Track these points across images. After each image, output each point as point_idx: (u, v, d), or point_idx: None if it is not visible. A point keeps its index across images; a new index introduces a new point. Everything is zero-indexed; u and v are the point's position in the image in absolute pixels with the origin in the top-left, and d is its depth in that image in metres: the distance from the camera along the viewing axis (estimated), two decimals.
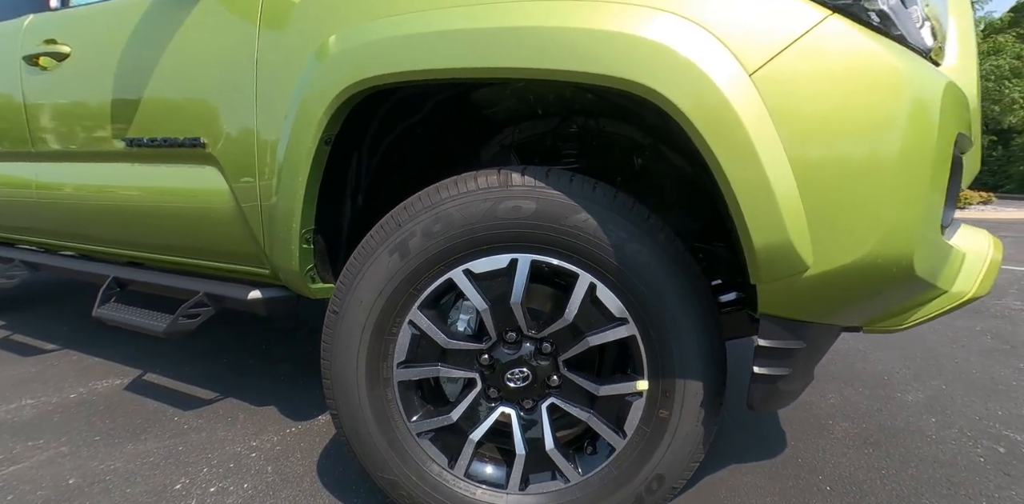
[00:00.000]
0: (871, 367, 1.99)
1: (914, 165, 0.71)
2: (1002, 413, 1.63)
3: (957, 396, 1.75)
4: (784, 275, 0.77)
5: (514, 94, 1.25)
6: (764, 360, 0.87)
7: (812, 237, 0.75)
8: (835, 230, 0.73)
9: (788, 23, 0.74)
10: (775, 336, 0.85)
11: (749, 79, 0.74)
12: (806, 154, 0.73)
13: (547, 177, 0.95)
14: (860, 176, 0.71)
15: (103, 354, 2.10)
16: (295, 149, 1.11)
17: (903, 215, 0.72)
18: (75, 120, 1.57)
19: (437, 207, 0.96)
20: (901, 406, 1.67)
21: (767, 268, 0.78)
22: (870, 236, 0.72)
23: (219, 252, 1.42)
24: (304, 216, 1.15)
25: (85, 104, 1.53)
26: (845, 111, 0.72)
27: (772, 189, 0.74)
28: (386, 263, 0.98)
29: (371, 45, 0.99)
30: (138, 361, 2.02)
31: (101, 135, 1.51)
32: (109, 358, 2.05)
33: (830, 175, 0.73)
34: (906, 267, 0.75)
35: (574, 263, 0.95)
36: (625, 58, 0.76)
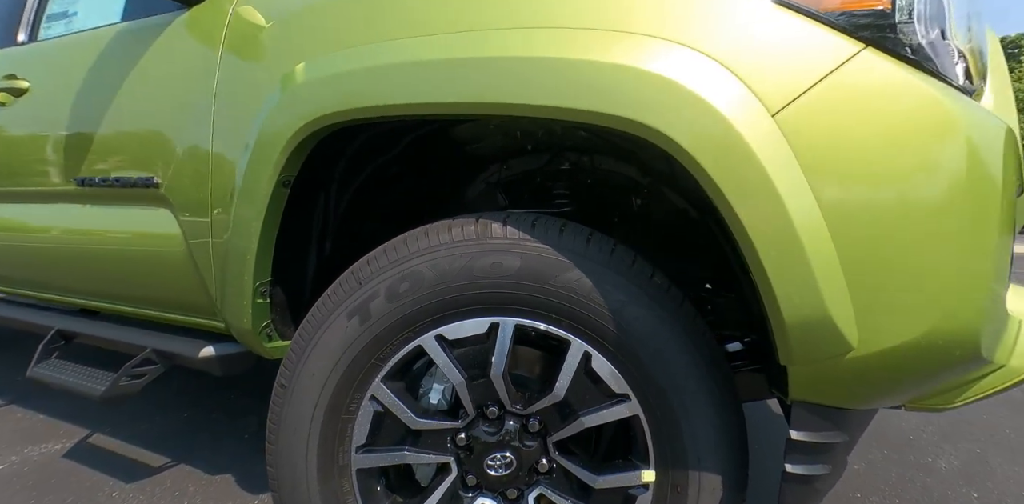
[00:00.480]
0: (894, 424, 1.82)
1: (983, 222, 0.58)
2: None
3: (995, 463, 1.56)
4: (823, 357, 0.63)
5: (499, 130, 1.13)
6: (799, 456, 0.71)
7: (857, 311, 0.60)
8: (885, 304, 0.60)
9: (817, 57, 0.62)
10: (811, 427, 0.70)
11: (772, 120, 0.62)
12: (845, 210, 0.60)
13: (533, 227, 0.81)
14: (916, 237, 0.58)
15: (53, 410, 1.90)
16: (249, 192, 0.98)
17: (970, 285, 0.58)
18: (27, 158, 1.45)
19: (404, 263, 0.82)
20: (934, 474, 1.49)
21: (802, 349, 0.63)
22: (931, 311, 0.58)
23: (171, 302, 1.27)
24: (259, 267, 1.01)
25: (38, 141, 1.42)
26: (892, 160, 0.59)
27: (806, 252, 0.60)
28: (343, 329, 0.83)
29: (336, 77, 0.88)
30: (89, 417, 1.82)
31: (53, 174, 1.39)
32: (58, 415, 1.86)
33: (876, 235, 0.59)
34: (971, 348, 0.60)
35: (565, 329, 0.81)
36: (627, 94, 0.64)
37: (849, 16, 0.63)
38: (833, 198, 0.61)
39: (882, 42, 0.63)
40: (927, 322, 0.58)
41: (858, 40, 0.63)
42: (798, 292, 0.61)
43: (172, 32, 1.20)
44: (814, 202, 0.61)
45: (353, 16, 0.91)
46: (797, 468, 0.71)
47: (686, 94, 0.62)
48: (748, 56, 0.63)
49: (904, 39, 0.64)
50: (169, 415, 1.84)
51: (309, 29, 0.97)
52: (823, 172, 0.61)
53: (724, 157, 0.62)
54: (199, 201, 1.11)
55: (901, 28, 0.63)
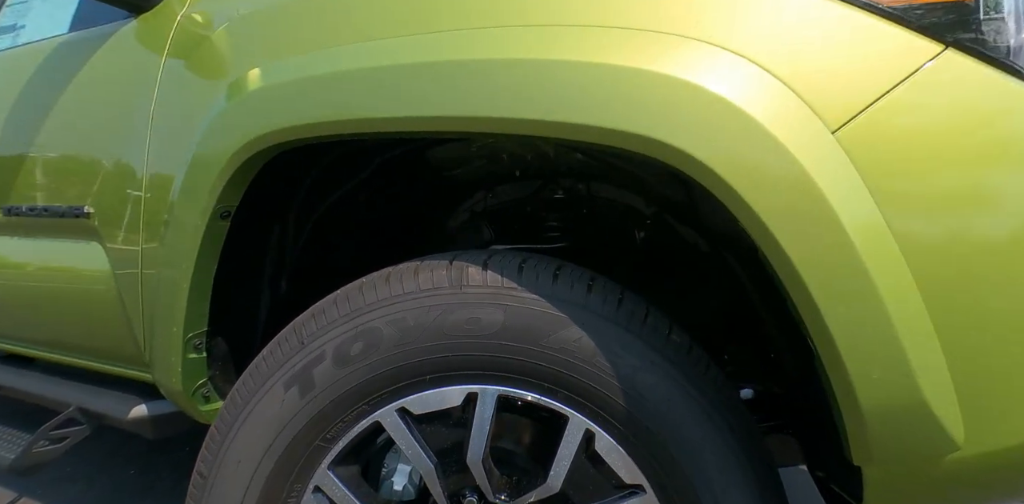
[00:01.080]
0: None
1: None
2: None
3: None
4: (915, 458, 0.46)
5: (482, 153, 0.98)
6: None
7: (962, 397, 0.44)
8: (1006, 387, 0.43)
9: (887, 61, 0.48)
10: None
11: (832, 139, 0.47)
12: (937, 254, 0.45)
13: (520, 272, 0.65)
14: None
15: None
16: (179, 226, 0.82)
17: None
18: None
19: (359, 317, 0.65)
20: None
21: (885, 446, 0.47)
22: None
23: (99, 350, 1.10)
24: (191, 316, 0.84)
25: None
26: (996, 186, 0.44)
27: (888, 313, 0.44)
28: (279, 402, 0.65)
29: (289, 86, 0.73)
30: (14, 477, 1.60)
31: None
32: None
33: (986, 288, 0.44)
34: None
35: (562, 401, 0.64)
36: (652, 109, 0.48)
37: (925, 11, 0.49)
38: (919, 237, 0.46)
39: (966, 42, 0.49)
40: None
41: (937, 40, 0.49)
42: (880, 369, 0.45)
43: (114, 42, 1.06)
44: (893, 243, 0.45)
45: (317, 14, 0.76)
46: None
47: (728, 109, 0.47)
48: (802, 61, 0.48)
49: (993, 38, 0.50)
50: (111, 472, 1.62)
51: (263, 31, 0.83)
52: (904, 204, 0.46)
53: (774, 190, 0.46)
54: (130, 235, 0.95)
55: (989, 25, 0.49)
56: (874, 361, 0.45)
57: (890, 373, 0.45)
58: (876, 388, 0.45)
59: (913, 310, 0.45)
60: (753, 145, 0.46)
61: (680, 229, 1.02)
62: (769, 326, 0.81)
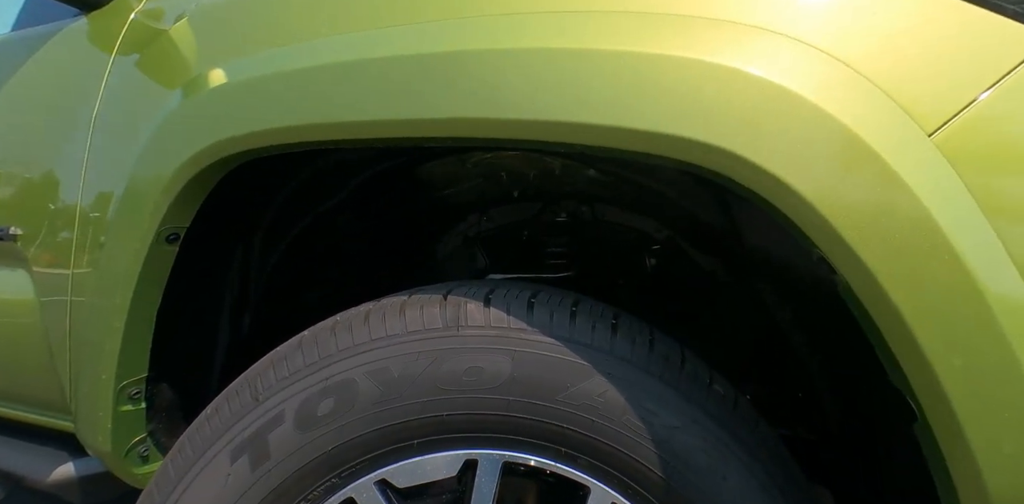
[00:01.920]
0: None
1: None
2: None
3: None
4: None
5: (478, 170, 0.88)
6: None
7: None
8: None
9: (989, 53, 0.39)
10: None
11: (930, 144, 0.37)
12: None
13: (531, 310, 0.53)
14: None
15: None
16: (115, 251, 0.69)
17: None
18: None
19: (329, 366, 0.52)
20: None
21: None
22: None
23: (21, 395, 0.94)
24: (126, 360, 0.70)
25: None
26: None
27: (1021, 369, 0.34)
28: (223, 476, 0.51)
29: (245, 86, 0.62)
30: None
31: None
32: None
33: None
34: None
35: (582, 469, 0.51)
36: (731, 119, 0.38)
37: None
38: None
39: None
40: None
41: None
42: (1012, 439, 0.35)
43: (57, 41, 0.94)
44: (1019, 277, 0.36)
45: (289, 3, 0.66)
46: None
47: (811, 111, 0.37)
48: (888, 56, 0.39)
49: None
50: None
51: (223, 25, 0.72)
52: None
53: (861, 205, 0.37)
54: (58, 260, 0.81)
55: None
56: (1006, 431, 0.35)
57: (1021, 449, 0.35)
58: (1009, 467, 0.35)
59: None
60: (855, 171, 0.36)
61: (696, 255, 0.92)
62: (810, 366, 0.71)
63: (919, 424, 0.39)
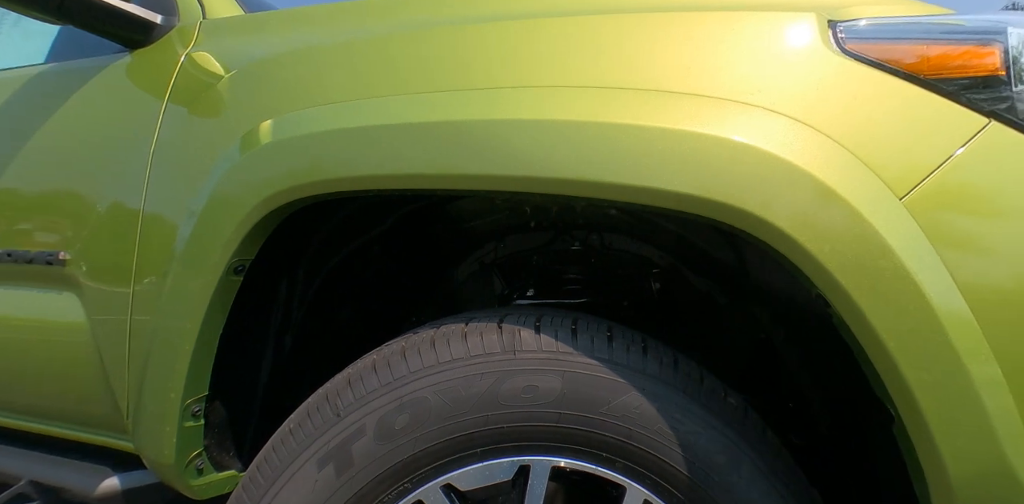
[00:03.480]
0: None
1: None
2: None
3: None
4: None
5: (506, 205, 0.97)
6: None
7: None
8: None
9: (942, 132, 0.51)
10: None
11: (900, 205, 0.49)
12: (1010, 316, 0.46)
13: (575, 335, 0.63)
14: None
15: None
16: (186, 281, 0.75)
17: None
18: None
19: (403, 386, 0.61)
20: None
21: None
22: None
23: (68, 413, 0.98)
24: (193, 379, 0.76)
25: None
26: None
27: (973, 382, 0.45)
28: (311, 482, 0.59)
29: (324, 136, 0.70)
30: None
31: None
32: None
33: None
34: None
35: (620, 471, 0.61)
36: (726, 177, 0.49)
37: (963, 85, 0.53)
38: (992, 301, 0.47)
39: (1004, 113, 0.53)
40: None
41: (980, 112, 0.52)
42: (967, 437, 0.45)
43: (106, 78, 1.00)
44: (967, 308, 0.47)
45: (349, 64, 0.74)
46: None
47: (803, 177, 0.48)
48: (868, 133, 0.50)
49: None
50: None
51: (278, 80, 0.80)
52: (971, 267, 0.48)
53: (852, 256, 0.47)
54: (117, 287, 0.86)
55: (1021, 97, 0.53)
56: (961, 429, 0.46)
57: (977, 441, 0.46)
58: (964, 457, 0.46)
59: (992, 375, 0.46)
60: (836, 219, 0.47)
61: (694, 280, 1.03)
62: (800, 378, 0.82)
63: (896, 426, 0.49)
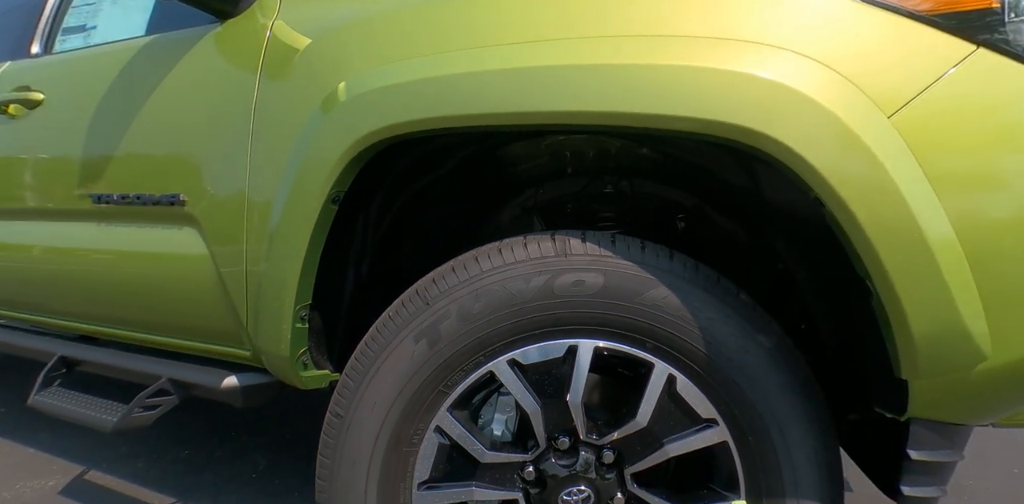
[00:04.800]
0: None
1: None
2: None
3: None
4: (952, 370, 0.60)
5: (549, 150, 1.11)
6: (916, 478, 0.67)
7: (990, 319, 0.58)
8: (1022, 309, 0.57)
9: (930, 58, 0.61)
10: (930, 446, 0.66)
11: (888, 123, 0.60)
12: (972, 211, 0.59)
13: (614, 244, 0.78)
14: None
15: (43, 445, 1.76)
16: (295, 208, 0.93)
17: None
18: (38, 172, 1.39)
19: (477, 281, 0.77)
20: (977, 496, 1.45)
21: (930, 361, 0.60)
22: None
23: (192, 329, 1.19)
24: (301, 288, 0.95)
25: (51, 154, 1.36)
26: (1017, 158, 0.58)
27: (937, 262, 0.58)
28: (410, 353, 0.77)
29: (397, 87, 0.84)
30: (82, 454, 1.68)
31: (66, 189, 1.32)
32: (48, 449, 1.72)
33: (1007, 236, 0.57)
34: None
35: (649, 351, 0.76)
36: (738, 102, 0.62)
37: (958, 17, 0.62)
38: (958, 200, 0.59)
39: (994, 42, 0.62)
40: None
41: (970, 41, 0.62)
42: (930, 302, 0.58)
43: (204, 46, 1.16)
44: (938, 204, 0.59)
45: (437, 24, 0.86)
46: (915, 490, 0.66)
47: (805, 101, 0.60)
48: (859, 60, 0.61)
49: (1017, 37, 0.62)
50: (167, 453, 1.70)
51: (369, 36, 0.93)
52: (946, 173, 0.59)
53: (843, 162, 0.60)
54: (232, 220, 1.05)
55: (1013, 27, 0.62)
56: (924, 297, 0.58)
57: (936, 302, 0.58)
58: (925, 315, 0.59)
59: (953, 255, 0.58)
60: (828, 129, 0.59)
61: (719, 219, 1.15)
62: (810, 298, 0.94)
63: (874, 299, 0.62)
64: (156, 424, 1.90)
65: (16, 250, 1.43)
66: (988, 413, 0.65)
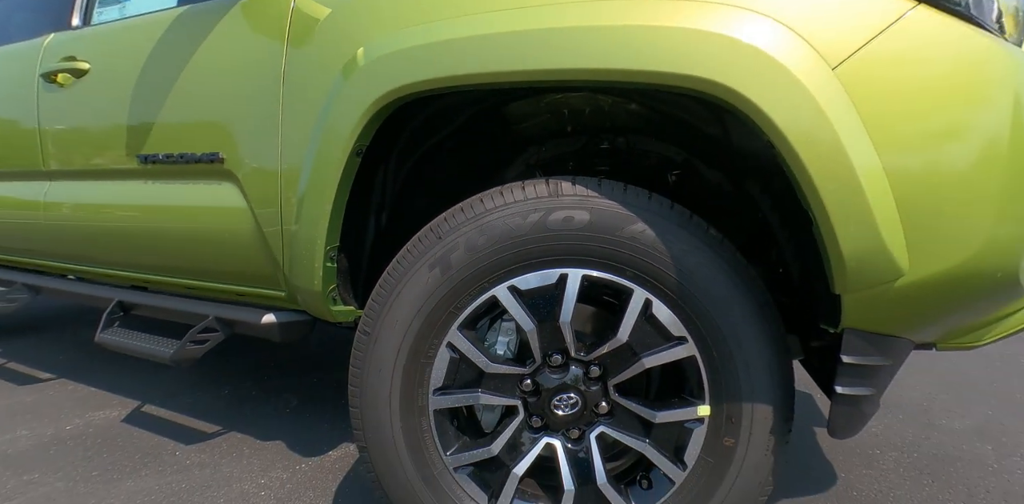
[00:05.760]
0: (908, 394, 1.91)
1: (1021, 154, 0.66)
2: None
3: (1007, 422, 1.66)
4: (875, 283, 0.71)
5: (548, 107, 1.21)
6: (848, 379, 0.79)
7: (908, 241, 0.69)
8: (933, 232, 0.68)
9: (873, 13, 0.70)
10: (860, 352, 0.78)
11: (832, 74, 0.70)
12: (899, 152, 0.69)
13: (600, 186, 0.89)
14: (962, 173, 0.66)
15: (100, 384, 1.97)
16: (324, 161, 1.05)
17: (1009, 211, 0.67)
18: (88, 136, 1.52)
19: (482, 218, 0.90)
20: (949, 434, 1.58)
21: (856, 276, 0.71)
22: (974, 238, 0.67)
23: (233, 273, 1.34)
24: (331, 231, 1.08)
25: (100, 119, 1.49)
26: (941, 101, 0.68)
27: (863, 190, 0.69)
28: (425, 279, 0.91)
29: (412, 50, 0.95)
30: (136, 392, 1.90)
31: (114, 151, 1.46)
32: (106, 388, 1.93)
33: (927, 173, 0.68)
34: (1011, 272, 0.69)
35: (629, 278, 0.89)
36: (700, 57, 0.72)
37: None
38: (889, 143, 0.69)
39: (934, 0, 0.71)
40: (971, 247, 0.67)
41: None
42: (856, 227, 0.69)
43: (234, 16, 1.26)
44: (870, 144, 0.69)
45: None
46: (847, 389, 0.79)
47: (757, 54, 0.70)
48: (808, 17, 0.71)
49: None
50: (209, 392, 1.90)
51: (377, 9, 1.03)
52: (879, 120, 0.69)
53: (791, 108, 0.70)
54: (268, 174, 1.18)
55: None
56: (852, 220, 0.69)
57: (861, 225, 0.69)
58: (853, 238, 0.70)
59: (880, 186, 0.68)
60: (778, 79, 0.69)
61: (706, 172, 1.25)
62: (781, 238, 1.06)
63: (814, 226, 0.73)
64: (198, 370, 2.12)
65: (72, 209, 1.59)
66: (911, 326, 0.76)
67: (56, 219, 1.63)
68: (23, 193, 1.72)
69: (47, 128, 1.60)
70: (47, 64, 1.58)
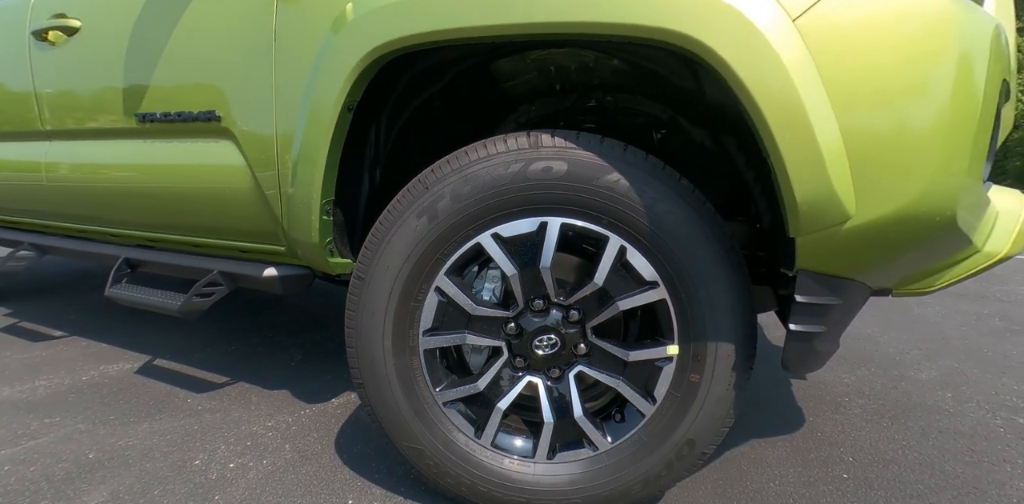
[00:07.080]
0: (882, 349, 2.00)
1: (963, 110, 0.71)
2: (1018, 387, 1.63)
3: (971, 373, 1.75)
4: (825, 226, 0.77)
5: (535, 65, 1.24)
6: (801, 317, 0.86)
7: (855, 186, 0.74)
8: (879, 178, 0.73)
9: None
10: (812, 292, 0.85)
11: (792, 25, 0.74)
12: (851, 102, 0.73)
13: (577, 138, 0.94)
14: (906, 122, 0.71)
15: (112, 340, 2.07)
16: (317, 116, 1.09)
17: (949, 162, 0.72)
18: (85, 95, 1.55)
19: (466, 169, 0.95)
20: (915, 384, 1.67)
21: (808, 219, 0.77)
22: (914, 184, 0.72)
23: (234, 230, 1.40)
24: (325, 186, 1.13)
25: (95, 79, 1.51)
26: (893, 56, 0.71)
27: (816, 138, 0.73)
28: (413, 227, 0.97)
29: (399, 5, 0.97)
30: (146, 347, 1.99)
31: (112, 111, 1.49)
32: (118, 344, 2.03)
33: (875, 122, 0.72)
34: (949, 217, 0.74)
35: (604, 226, 0.94)
36: (666, 8, 0.75)
37: None
38: (842, 93, 0.73)
39: None
40: (911, 192, 0.72)
41: None
42: (808, 172, 0.75)
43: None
44: (824, 94, 0.73)
45: None
46: (799, 326, 0.86)
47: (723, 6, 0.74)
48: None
49: None
50: (218, 348, 2.00)
51: None
52: (834, 71, 0.73)
53: (754, 61, 0.74)
54: (264, 131, 1.22)
55: None
56: (805, 167, 0.74)
57: (813, 170, 0.74)
58: (805, 183, 0.75)
59: (831, 135, 0.73)
60: (737, 29, 0.73)
61: (689, 129, 1.29)
62: (755, 193, 1.11)
63: (772, 173, 0.79)
64: (206, 328, 2.21)
65: (73, 169, 1.63)
66: (860, 268, 0.82)
67: (58, 180, 1.67)
68: (24, 154, 1.76)
69: (42, 88, 1.63)
70: (37, 21, 1.58)
